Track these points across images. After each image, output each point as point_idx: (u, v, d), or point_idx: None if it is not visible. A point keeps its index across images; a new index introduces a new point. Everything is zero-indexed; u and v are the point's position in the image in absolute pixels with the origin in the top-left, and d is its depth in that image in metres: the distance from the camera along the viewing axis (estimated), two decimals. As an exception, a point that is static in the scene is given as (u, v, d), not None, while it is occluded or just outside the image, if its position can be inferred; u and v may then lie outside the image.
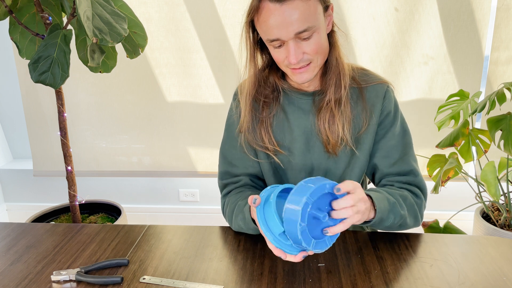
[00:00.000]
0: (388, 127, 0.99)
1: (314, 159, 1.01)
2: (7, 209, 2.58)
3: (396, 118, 1.00)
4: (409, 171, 0.99)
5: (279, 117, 1.01)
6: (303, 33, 0.85)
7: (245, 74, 1.01)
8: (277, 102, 1.01)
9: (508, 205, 1.77)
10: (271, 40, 0.87)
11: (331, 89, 0.96)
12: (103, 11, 1.25)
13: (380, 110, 0.99)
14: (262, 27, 0.87)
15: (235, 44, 2.13)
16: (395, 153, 0.99)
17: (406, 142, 1.01)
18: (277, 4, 0.83)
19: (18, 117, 2.50)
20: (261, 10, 0.86)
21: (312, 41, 0.87)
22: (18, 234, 1.00)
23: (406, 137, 1.01)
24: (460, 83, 2.09)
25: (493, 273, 0.81)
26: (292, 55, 0.87)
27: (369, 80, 1.01)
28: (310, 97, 1.00)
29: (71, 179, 1.65)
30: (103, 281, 0.80)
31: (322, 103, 0.97)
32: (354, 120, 0.98)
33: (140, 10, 2.09)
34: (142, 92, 2.25)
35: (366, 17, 2.02)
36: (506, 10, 1.96)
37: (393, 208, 0.89)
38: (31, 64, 1.27)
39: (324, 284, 0.78)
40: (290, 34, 0.85)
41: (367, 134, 0.99)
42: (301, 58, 0.88)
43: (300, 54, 0.88)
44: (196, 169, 2.36)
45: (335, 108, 0.96)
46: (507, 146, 1.56)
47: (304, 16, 0.83)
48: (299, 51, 0.87)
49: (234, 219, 0.97)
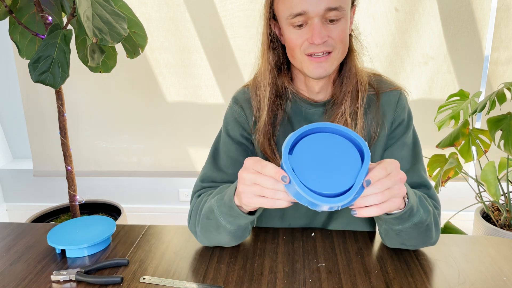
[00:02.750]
0: (399, 136, 0.92)
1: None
2: (7, 209, 2.58)
3: (409, 127, 0.93)
4: (420, 182, 0.91)
5: (284, 126, 0.93)
6: (334, 11, 0.78)
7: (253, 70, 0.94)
8: (283, 109, 0.92)
9: (508, 205, 1.77)
10: (295, 14, 0.79)
11: (347, 99, 0.87)
12: (103, 11, 1.25)
13: (393, 119, 0.92)
14: (286, 1, 0.79)
15: (235, 44, 2.13)
16: (406, 163, 0.91)
17: (417, 152, 0.94)
18: None
19: (18, 117, 2.50)
20: None
21: (339, 26, 0.80)
22: (18, 234, 1.00)
23: (417, 147, 0.94)
24: (460, 83, 2.09)
25: (493, 273, 0.81)
26: (317, 33, 0.78)
27: (383, 86, 0.94)
28: (321, 107, 0.92)
29: (71, 179, 1.65)
30: (103, 281, 0.79)
31: (335, 115, 0.88)
32: (365, 129, 0.90)
33: (140, 10, 2.09)
34: (142, 92, 2.25)
35: (366, 17, 2.02)
36: (506, 10, 1.96)
37: (421, 201, 0.80)
38: (31, 64, 1.27)
39: (324, 284, 0.78)
40: (320, 8, 0.77)
41: (378, 145, 0.93)
42: (326, 41, 0.80)
43: (325, 36, 0.79)
44: (196, 169, 2.36)
45: (350, 121, 0.87)
46: (507, 146, 1.56)
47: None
48: (324, 32, 0.79)
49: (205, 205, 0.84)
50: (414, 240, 0.82)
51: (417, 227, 0.78)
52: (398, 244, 0.85)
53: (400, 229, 0.78)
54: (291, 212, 0.99)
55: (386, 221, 0.78)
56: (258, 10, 2.07)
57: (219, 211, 0.80)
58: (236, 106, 0.97)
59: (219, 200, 0.80)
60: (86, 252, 0.90)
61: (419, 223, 0.77)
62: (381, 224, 0.83)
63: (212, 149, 0.99)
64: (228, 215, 0.78)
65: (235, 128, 0.95)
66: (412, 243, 0.84)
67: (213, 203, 0.81)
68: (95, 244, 0.90)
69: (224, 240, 0.86)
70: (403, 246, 0.85)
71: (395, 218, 0.75)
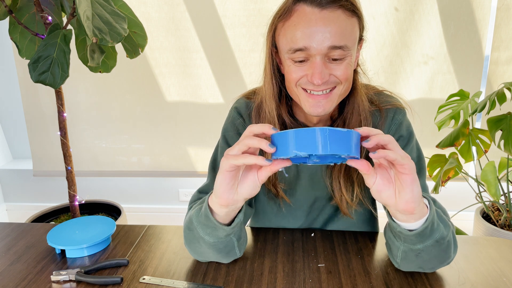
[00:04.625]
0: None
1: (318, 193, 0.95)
2: (7, 209, 2.58)
3: (409, 142, 0.89)
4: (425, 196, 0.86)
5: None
6: (338, 50, 0.73)
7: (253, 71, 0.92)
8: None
9: (508, 205, 1.77)
10: (295, 49, 0.74)
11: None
12: (103, 11, 1.24)
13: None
14: (288, 34, 0.75)
15: (235, 44, 2.12)
16: None
17: (421, 166, 0.89)
18: (316, 8, 0.71)
19: (18, 117, 2.50)
20: (292, 13, 0.74)
21: (343, 65, 0.74)
22: (18, 234, 1.00)
23: (421, 161, 0.90)
24: (460, 83, 2.09)
25: (493, 274, 0.81)
26: (317, 73, 0.73)
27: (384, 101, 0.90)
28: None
29: (71, 179, 1.65)
30: (103, 281, 0.79)
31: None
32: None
33: (140, 10, 2.09)
34: (142, 92, 2.25)
35: (366, 17, 2.02)
36: (506, 10, 1.96)
37: (439, 216, 0.74)
38: (31, 64, 1.27)
39: (324, 284, 0.78)
40: (324, 46, 0.72)
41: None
42: (327, 80, 0.75)
43: (327, 75, 0.74)
44: (196, 169, 2.36)
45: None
46: (507, 146, 1.56)
47: (344, 32, 0.73)
48: (326, 71, 0.74)
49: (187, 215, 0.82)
50: (434, 261, 0.75)
51: (439, 245, 0.72)
52: (415, 267, 0.78)
53: (421, 249, 0.72)
54: (291, 213, 0.99)
55: (406, 240, 0.72)
56: (259, 10, 2.07)
57: (197, 222, 0.76)
58: (239, 119, 0.93)
59: (197, 211, 0.77)
60: (86, 252, 0.90)
61: (441, 239, 0.71)
62: (399, 246, 0.75)
63: (211, 160, 0.97)
64: (205, 226, 0.75)
65: (236, 139, 0.92)
66: (431, 265, 0.76)
67: (193, 213, 0.79)
68: (95, 244, 0.90)
69: (208, 254, 0.81)
70: (420, 269, 0.78)
71: (417, 235, 0.70)
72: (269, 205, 0.99)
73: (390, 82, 2.12)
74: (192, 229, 0.78)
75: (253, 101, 0.93)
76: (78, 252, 0.89)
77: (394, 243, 0.76)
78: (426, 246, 0.71)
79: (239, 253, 0.83)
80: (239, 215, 0.76)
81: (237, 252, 0.82)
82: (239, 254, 0.83)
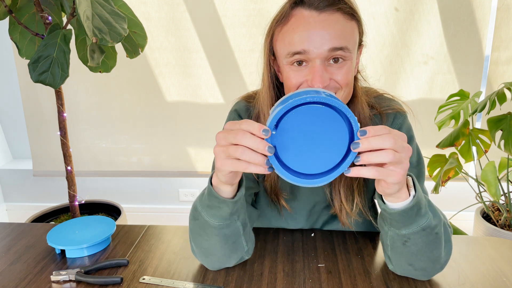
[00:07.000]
0: None
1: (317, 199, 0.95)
2: (7, 209, 2.58)
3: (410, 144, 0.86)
4: None
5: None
6: (338, 51, 0.71)
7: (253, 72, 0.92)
8: None
9: (508, 205, 1.77)
10: (293, 53, 0.72)
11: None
12: (103, 10, 1.24)
13: None
14: (286, 38, 0.73)
15: (235, 44, 2.12)
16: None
17: (420, 170, 0.89)
18: (315, 12, 0.71)
19: (18, 117, 2.50)
20: (290, 18, 0.73)
21: (344, 68, 0.73)
22: (18, 234, 1.00)
23: (421, 165, 0.90)
24: (460, 83, 2.09)
25: (493, 274, 0.81)
26: (318, 77, 0.71)
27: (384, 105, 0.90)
28: None
29: (70, 179, 1.65)
30: (103, 281, 0.79)
31: None
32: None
33: (140, 10, 2.09)
34: (142, 92, 2.25)
35: (366, 17, 2.02)
36: (506, 10, 1.96)
37: (430, 205, 0.72)
38: (31, 64, 1.27)
39: (324, 284, 0.78)
40: (323, 49, 0.71)
41: None
42: (327, 85, 0.73)
43: (327, 80, 0.72)
44: (196, 169, 2.36)
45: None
46: (507, 146, 1.56)
47: (344, 34, 0.72)
48: (326, 75, 0.72)
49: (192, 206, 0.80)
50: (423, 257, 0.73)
51: (426, 234, 0.70)
52: (406, 264, 0.76)
53: (407, 236, 0.71)
54: (290, 216, 0.99)
55: (392, 223, 0.71)
56: (259, 10, 2.07)
57: (201, 205, 0.75)
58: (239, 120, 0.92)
59: (201, 195, 0.77)
60: (85, 252, 0.90)
61: (427, 227, 0.70)
62: (387, 231, 0.74)
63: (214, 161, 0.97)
64: (209, 207, 0.73)
65: None
66: (421, 263, 0.75)
67: (196, 199, 0.78)
68: (94, 244, 0.90)
69: (215, 247, 0.78)
70: (412, 267, 0.76)
71: (401, 215, 0.68)
72: (270, 208, 0.99)
73: (390, 82, 2.12)
74: (196, 216, 0.76)
75: (252, 105, 0.93)
76: (78, 252, 0.89)
77: (383, 229, 0.76)
78: (412, 233, 0.70)
79: (246, 245, 0.80)
80: (241, 189, 0.74)
81: (243, 244, 0.79)
82: (246, 247, 0.81)
